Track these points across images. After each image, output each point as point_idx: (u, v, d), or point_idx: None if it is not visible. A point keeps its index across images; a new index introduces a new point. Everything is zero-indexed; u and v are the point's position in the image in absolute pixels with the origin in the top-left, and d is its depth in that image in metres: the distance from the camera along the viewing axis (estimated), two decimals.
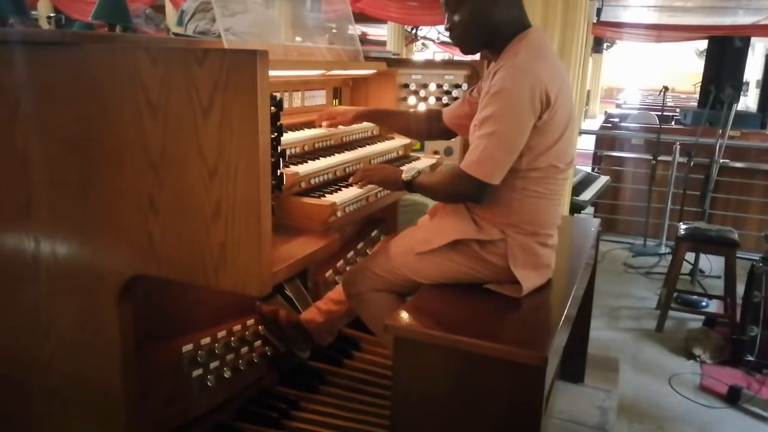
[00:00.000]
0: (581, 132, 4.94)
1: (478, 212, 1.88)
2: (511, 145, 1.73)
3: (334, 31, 2.62)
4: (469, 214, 1.90)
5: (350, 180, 2.01)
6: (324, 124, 2.26)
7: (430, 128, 2.28)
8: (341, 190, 1.96)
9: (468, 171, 1.74)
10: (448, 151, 2.77)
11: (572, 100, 1.88)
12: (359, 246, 2.82)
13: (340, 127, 2.31)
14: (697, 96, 7.45)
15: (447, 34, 1.90)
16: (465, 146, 2.23)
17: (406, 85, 2.69)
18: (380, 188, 2.05)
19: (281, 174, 1.64)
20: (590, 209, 5.37)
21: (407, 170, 1.94)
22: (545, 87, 1.71)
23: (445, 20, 1.88)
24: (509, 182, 1.79)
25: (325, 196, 1.85)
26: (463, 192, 1.79)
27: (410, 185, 1.92)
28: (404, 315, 1.72)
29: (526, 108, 1.70)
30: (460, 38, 1.88)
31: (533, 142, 1.76)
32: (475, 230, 1.86)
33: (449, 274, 1.91)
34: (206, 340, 1.96)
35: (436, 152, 2.75)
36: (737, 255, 3.61)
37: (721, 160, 4.64)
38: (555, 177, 1.84)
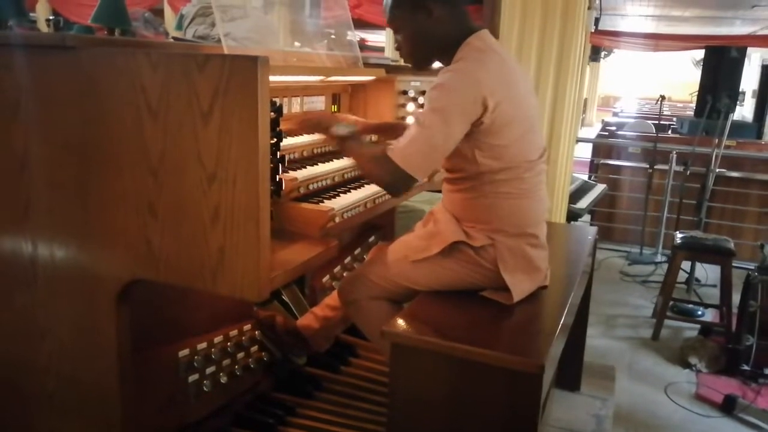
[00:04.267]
0: (579, 140, 4.95)
1: (465, 222, 1.89)
2: (436, 141, 1.70)
3: (332, 37, 2.63)
4: (458, 224, 1.89)
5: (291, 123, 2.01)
6: None
7: None
8: (340, 195, 1.97)
9: (390, 155, 1.71)
10: None
11: (527, 96, 1.86)
12: (356, 252, 2.82)
13: None
14: (693, 105, 7.47)
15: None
16: None
17: (405, 92, 2.69)
18: (379, 194, 2.06)
19: (280, 179, 1.64)
20: (587, 217, 5.37)
21: (340, 126, 1.92)
22: (482, 93, 1.69)
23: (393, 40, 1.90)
24: (479, 189, 1.80)
25: (323, 202, 1.85)
26: (384, 177, 1.75)
27: (342, 143, 1.92)
28: (401, 322, 1.72)
29: (457, 110, 1.69)
30: (408, 57, 1.93)
31: (485, 144, 1.75)
32: (465, 237, 1.87)
33: (445, 281, 1.91)
34: (203, 345, 1.95)
35: None
36: (733, 264, 3.62)
37: (717, 170, 4.65)
38: (522, 176, 1.83)
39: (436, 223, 1.96)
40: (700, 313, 4.05)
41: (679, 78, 18.01)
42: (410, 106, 2.71)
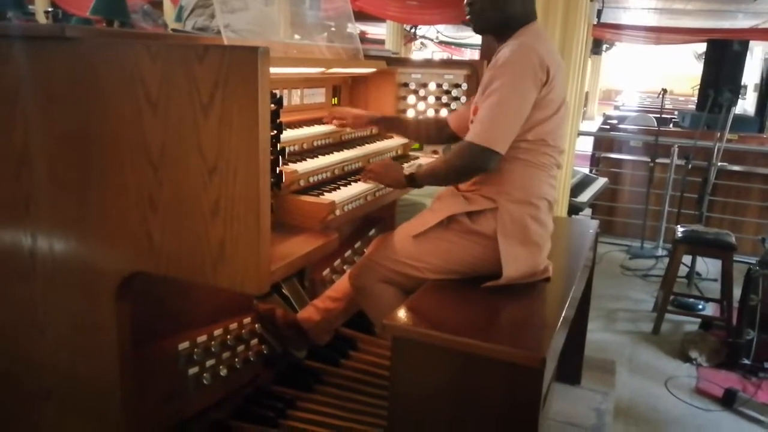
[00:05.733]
0: (580, 133, 4.93)
1: (470, 187, 1.95)
2: (514, 113, 1.80)
3: (332, 29, 2.61)
4: (459, 193, 1.97)
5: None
6: (334, 122, 2.30)
7: (440, 135, 2.35)
8: (340, 188, 1.96)
9: (473, 140, 1.81)
10: (449, 150, 2.76)
11: (566, 85, 1.98)
12: (357, 245, 2.82)
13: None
14: (695, 99, 7.45)
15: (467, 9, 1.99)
16: None
17: (406, 84, 2.68)
18: (378, 188, 2.07)
19: (280, 172, 1.63)
20: (588, 211, 5.37)
21: (409, 165, 2.00)
22: (546, 62, 1.81)
23: None
24: None
25: (323, 195, 1.84)
26: (469, 163, 1.84)
27: (413, 177, 1.97)
28: (402, 315, 1.72)
29: (529, 78, 1.79)
30: (478, 15, 1.97)
31: (530, 115, 1.84)
32: (465, 204, 1.93)
33: (444, 254, 1.94)
34: (203, 338, 1.95)
35: (434, 151, 2.74)
36: (734, 258, 3.61)
37: (719, 163, 4.63)
38: (543, 151, 1.91)
39: (439, 200, 2.03)
40: (700, 307, 4.05)
41: (680, 71, 17.96)
42: (411, 98, 2.70)
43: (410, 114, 2.69)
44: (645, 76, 20.01)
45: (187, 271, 1.42)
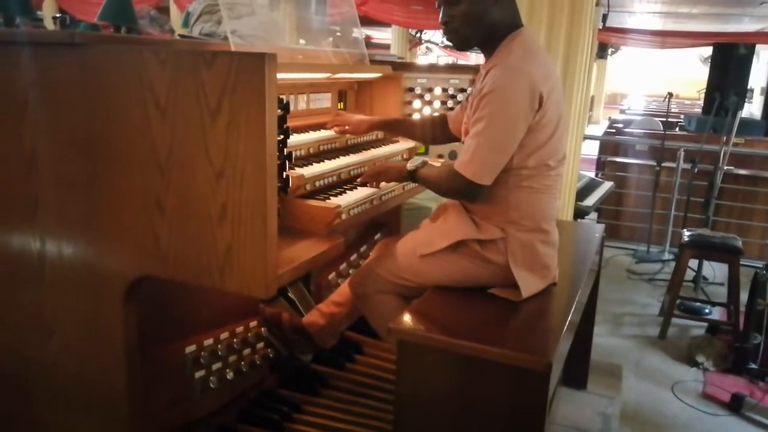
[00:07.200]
0: (585, 137, 4.93)
1: (478, 213, 1.91)
2: (501, 146, 1.75)
3: (338, 34, 2.62)
4: (469, 216, 1.91)
5: (358, 181, 2.06)
6: (335, 129, 2.29)
7: (444, 133, 2.31)
8: (346, 192, 1.97)
9: (459, 170, 1.77)
10: (453, 155, 2.77)
11: (562, 98, 1.90)
12: (362, 249, 2.82)
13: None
14: (701, 103, 7.41)
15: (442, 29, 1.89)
16: None
17: (411, 89, 2.69)
18: (385, 191, 2.08)
19: (287, 176, 1.64)
20: (594, 215, 5.36)
21: (413, 161, 1.97)
22: (538, 86, 1.72)
23: (441, 14, 1.87)
24: (502, 181, 1.82)
25: (330, 199, 1.85)
26: (455, 190, 1.83)
27: (414, 175, 1.95)
28: (408, 319, 1.72)
29: (520, 109, 1.72)
30: (456, 33, 1.86)
31: (524, 141, 1.78)
32: (475, 230, 1.88)
33: (451, 276, 1.92)
34: (209, 342, 1.96)
35: (440, 156, 2.75)
36: (741, 262, 3.60)
37: (725, 167, 4.62)
38: (547, 174, 1.86)
39: (446, 218, 1.98)
40: (707, 311, 4.03)
41: (686, 75, 17.89)
42: (416, 103, 2.71)
43: (416, 117, 2.70)
44: (651, 79, 19.93)
45: (194, 275, 1.43)
